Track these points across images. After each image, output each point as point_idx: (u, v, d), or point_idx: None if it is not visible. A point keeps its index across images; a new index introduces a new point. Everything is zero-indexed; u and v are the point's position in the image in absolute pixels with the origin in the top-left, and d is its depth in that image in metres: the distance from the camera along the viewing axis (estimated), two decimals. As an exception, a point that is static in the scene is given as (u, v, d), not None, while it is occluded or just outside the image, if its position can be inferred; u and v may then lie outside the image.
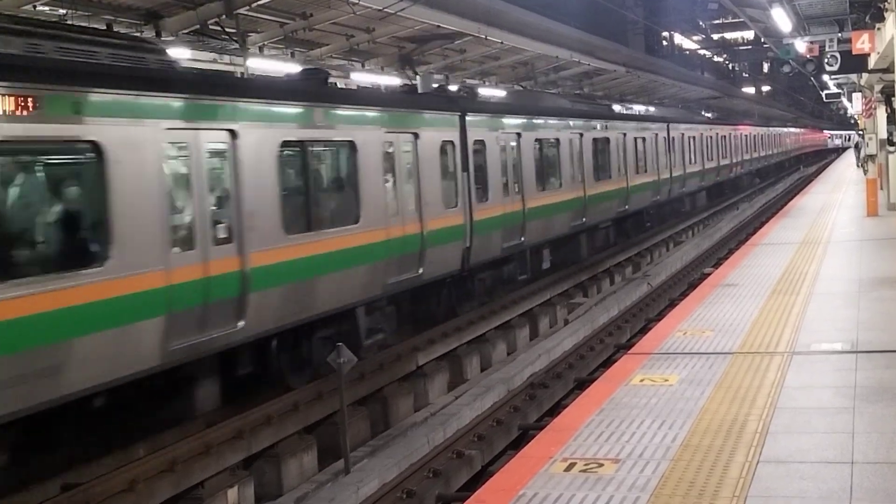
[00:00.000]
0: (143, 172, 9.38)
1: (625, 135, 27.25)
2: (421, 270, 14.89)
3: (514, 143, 19.09)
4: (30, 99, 8.18)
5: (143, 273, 9.28)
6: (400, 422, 12.89)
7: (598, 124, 25.09)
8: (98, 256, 8.90)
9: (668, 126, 33.14)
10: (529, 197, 19.36)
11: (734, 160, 46.81)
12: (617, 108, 32.23)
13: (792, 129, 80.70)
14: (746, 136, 51.27)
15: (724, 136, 44.01)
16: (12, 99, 8.01)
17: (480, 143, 17.38)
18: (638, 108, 37.45)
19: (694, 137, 36.97)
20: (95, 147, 8.87)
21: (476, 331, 16.60)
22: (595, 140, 24.57)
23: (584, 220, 23.08)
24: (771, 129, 64.40)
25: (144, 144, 9.43)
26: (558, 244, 22.16)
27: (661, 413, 7.84)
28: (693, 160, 36.69)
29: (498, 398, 13.16)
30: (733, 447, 6.87)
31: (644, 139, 29.56)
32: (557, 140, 21.64)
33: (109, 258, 8.91)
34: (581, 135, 23.31)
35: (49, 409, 8.40)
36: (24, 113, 8.13)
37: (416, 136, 15.06)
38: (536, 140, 20.29)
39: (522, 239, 18.96)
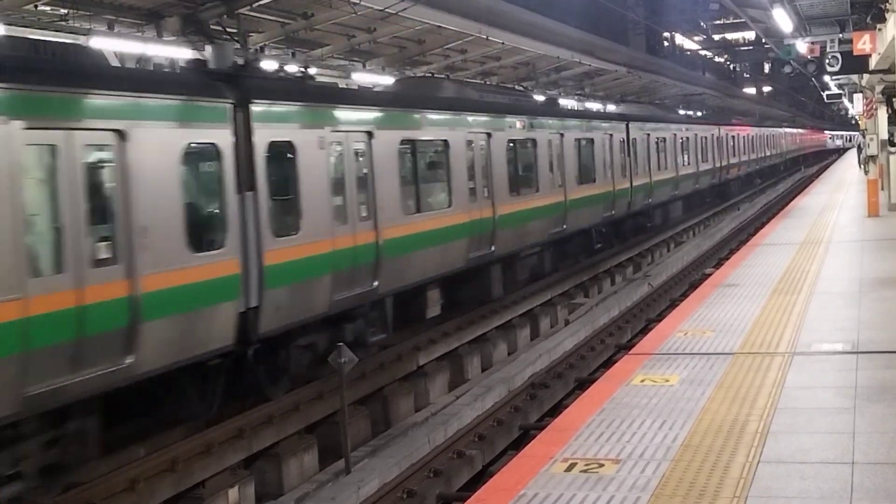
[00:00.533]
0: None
1: (562, 135, 21.49)
2: (493, 248, 17.20)
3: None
4: None
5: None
6: (401, 421, 12.89)
7: (517, 122, 19.19)
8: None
9: (627, 125, 27.41)
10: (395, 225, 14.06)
11: (718, 164, 41.11)
12: (564, 103, 27.19)
13: (787, 130, 75.42)
14: (734, 136, 45.76)
15: (705, 138, 38.57)
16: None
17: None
18: (595, 106, 33.96)
19: (664, 139, 31.64)
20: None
21: (477, 330, 16.61)
22: (512, 142, 18.74)
23: (492, 248, 17.19)
24: (763, 128, 58.98)
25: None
26: (456, 279, 16.56)
27: (662, 413, 7.84)
28: (663, 166, 31.32)
29: (499, 398, 13.16)
30: (734, 447, 6.87)
31: (591, 141, 23.77)
32: (445, 143, 15.98)
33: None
34: (489, 135, 17.54)
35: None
36: None
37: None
38: (404, 142, 14.65)
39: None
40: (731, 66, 70.66)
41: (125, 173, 9.11)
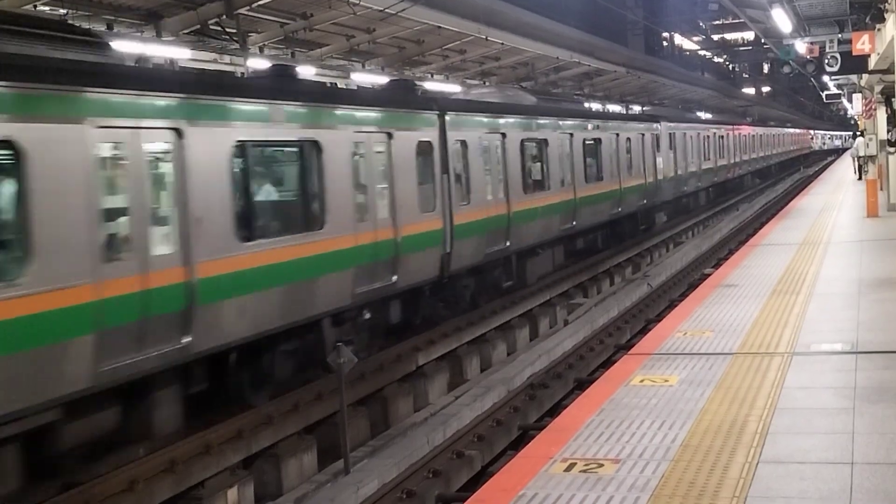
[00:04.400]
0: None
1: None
2: (574, 223, 22.41)
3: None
4: None
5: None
6: (400, 422, 12.89)
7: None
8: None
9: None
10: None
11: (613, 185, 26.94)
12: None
13: (756, 128, 57.79)
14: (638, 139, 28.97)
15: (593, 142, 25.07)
16: None
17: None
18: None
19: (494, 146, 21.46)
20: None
21: (476, 331, 16.61)
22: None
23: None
24: (708, 125, 41.21)
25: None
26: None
27: (661, 413, 7.84)
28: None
29: (498, 398, 13.16)
30: (733, 447, 6.87)
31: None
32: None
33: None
34: (571, 135, 22.56)
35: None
36: None
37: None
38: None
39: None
40: (731, 67, 70.71)
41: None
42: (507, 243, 18.28)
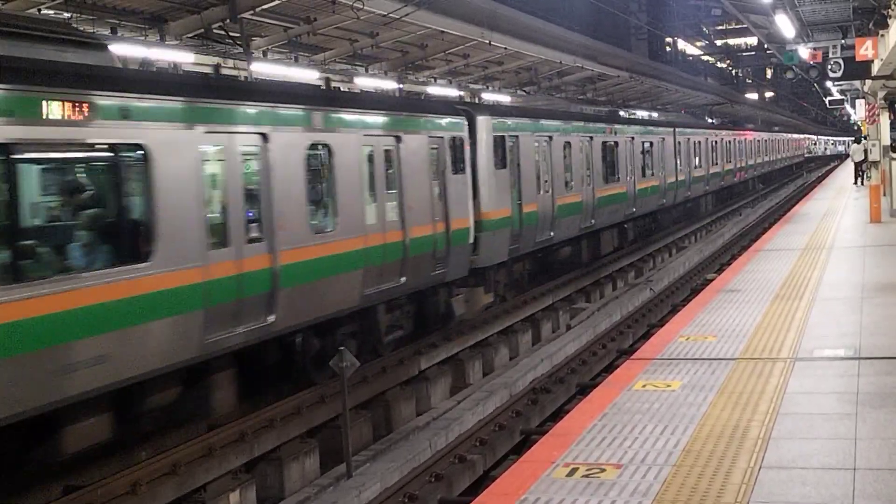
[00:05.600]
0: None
1: (663, 139, 30.99)
2: (634, 210, 27.40)
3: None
4: None
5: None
6: (402, 426, 12.89)
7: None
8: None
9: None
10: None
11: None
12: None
13: (734, 133, 46.74)
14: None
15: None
16: None
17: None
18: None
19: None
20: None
21: (478, 335, 16.61)
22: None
23: (633, 210, 27.84)
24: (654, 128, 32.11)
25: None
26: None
27: (664, 418, 7.84)
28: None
29: (500, 403, 13.17)
30: (736, 453, 6.87)
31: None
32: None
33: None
34: (632, 139, 27.59)
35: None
36: None
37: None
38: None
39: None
40: (734, 72, 70.76)
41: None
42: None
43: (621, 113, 33.87)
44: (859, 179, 39.86)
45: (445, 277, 15.26)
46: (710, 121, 49.33)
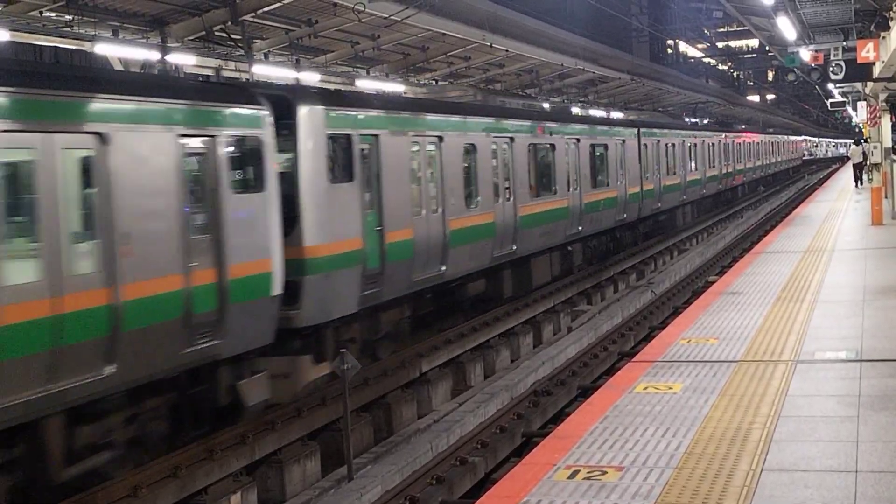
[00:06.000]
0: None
1: (698, 142, 37.22)
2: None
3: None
4: None
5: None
6: (403, 428, 12.89)
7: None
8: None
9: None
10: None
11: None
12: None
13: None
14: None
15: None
16: None
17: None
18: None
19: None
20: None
21: (479, 338, 16.60)
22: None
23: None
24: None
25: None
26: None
27: (665, 421, 7.83)
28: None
29: (501, 405, 13.15)
30: (737, 455, 6.86)
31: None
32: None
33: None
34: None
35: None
36: None
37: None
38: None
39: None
40: (735, 74, 70.70)
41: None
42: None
43: (575, 110, 29.57)
44: (858, 181, 40.00)
45: (220, 352, 10.14)
46: (690, 120, 44.66)
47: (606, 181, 24.69)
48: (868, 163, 35.39)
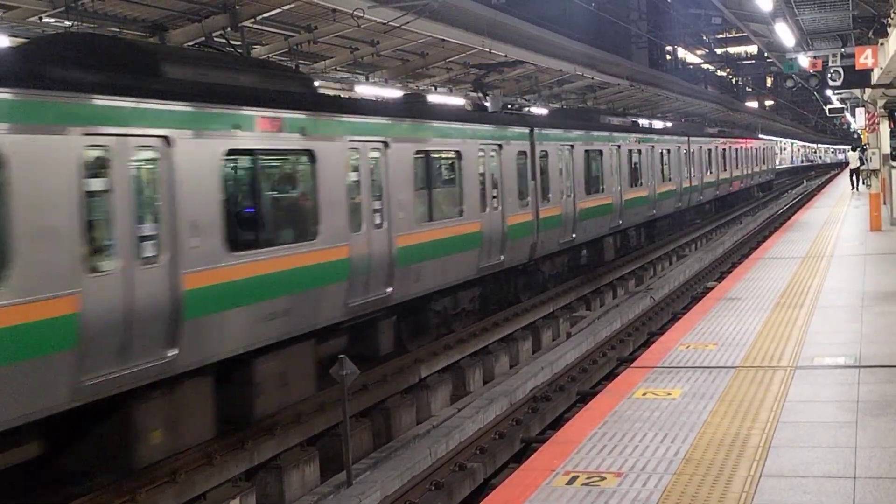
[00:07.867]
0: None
1: (712, 148, 39.82)
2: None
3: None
4: None
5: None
6: (402, 434, 12.89)
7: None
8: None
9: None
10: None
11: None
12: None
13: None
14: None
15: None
16: None
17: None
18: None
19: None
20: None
21: (478, 343, 16.61)
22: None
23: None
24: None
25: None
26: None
27: (664, 426, 7.84)
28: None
29: (500, 411, 13.16)
30: (736, 461, 6.87)
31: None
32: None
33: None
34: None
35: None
36: None
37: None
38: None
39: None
40: (734, 80, 70.86)
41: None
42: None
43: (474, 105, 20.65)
44: (855, 186, 40.27)
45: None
46: (609, 120, 27.36)
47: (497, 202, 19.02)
48: (862, 168, 35.46)
